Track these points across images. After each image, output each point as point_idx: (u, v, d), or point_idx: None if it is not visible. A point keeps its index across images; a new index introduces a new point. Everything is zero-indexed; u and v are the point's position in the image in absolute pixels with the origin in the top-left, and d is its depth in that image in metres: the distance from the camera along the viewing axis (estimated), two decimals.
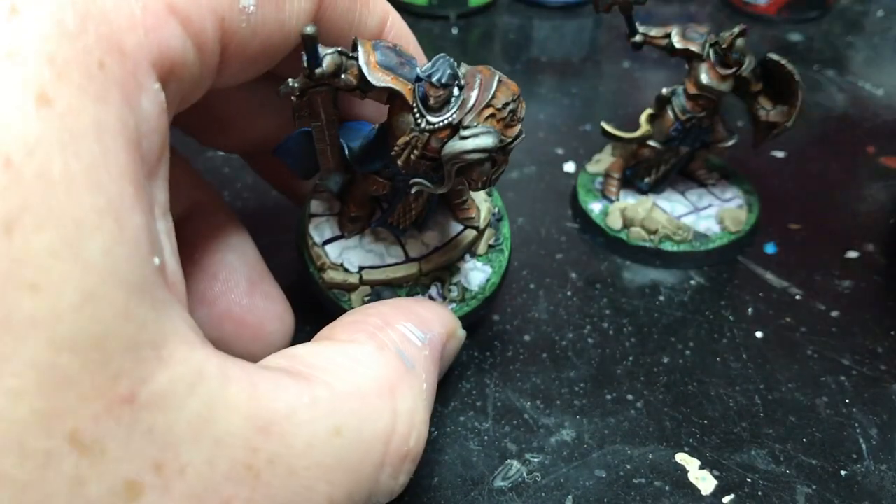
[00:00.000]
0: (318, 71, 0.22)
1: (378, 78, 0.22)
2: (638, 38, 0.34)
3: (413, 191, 0.24)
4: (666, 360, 0.32)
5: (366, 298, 0.29)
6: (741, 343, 0.33)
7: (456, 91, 0.23)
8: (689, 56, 0.34)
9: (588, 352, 0.32)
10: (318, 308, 0.31)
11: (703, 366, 0.32)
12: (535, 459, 0.28)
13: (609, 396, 0.30)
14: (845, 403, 0.30)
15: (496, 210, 0.31)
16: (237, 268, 0.28)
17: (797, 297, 0.35)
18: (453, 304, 0.29)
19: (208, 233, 0.28)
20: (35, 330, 0.14)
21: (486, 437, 0.29)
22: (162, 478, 0.16)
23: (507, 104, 0.22)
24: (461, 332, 0.27)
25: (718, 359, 0.32)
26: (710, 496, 0.27)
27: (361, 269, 0.29)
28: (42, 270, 0.14)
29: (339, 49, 0.22)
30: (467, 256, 0.30)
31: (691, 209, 0.38)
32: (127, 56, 0.16)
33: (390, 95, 0.23)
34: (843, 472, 0.28)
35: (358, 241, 0.30)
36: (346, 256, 0.29)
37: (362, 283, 0.29)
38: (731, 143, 0.37)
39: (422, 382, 0.22)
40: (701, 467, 0.28)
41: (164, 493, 0.16)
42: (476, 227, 0.30)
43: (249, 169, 0.41)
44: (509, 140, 0.23)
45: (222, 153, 0.41)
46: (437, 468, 0.28)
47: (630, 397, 0.30)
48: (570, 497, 0.27)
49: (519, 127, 0.23)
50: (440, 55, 0.23)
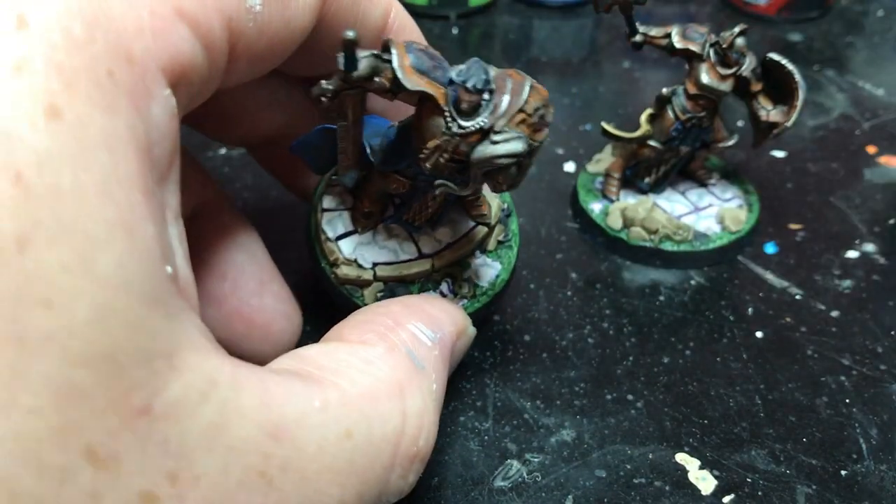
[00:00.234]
0: (354, 74, 0.22)
1: (412, 82, 0.22)
2: (638, 38, 0.34)
3: (437, 192, 0.24)
4: (666, 360, 0.32)
5: (379, 294, 0.29)
6: (741, 343, 0.33)
7: (487, 95, 0.23)
8: (689, 56, 0.34)
9: (588, 352, 0.32)
10: (321, 306, 0.31)
11: (703, 366, 0.32)
12: (535, 459, 0.28)
13: (609, 396, 0.30)
14: (845, 403, 0.30)
15: (505, 206, 0.31)
16: (246, 267, 0.28)
17: (797, 297, 0.35)
18: (464, 301, 0.29)
19: (217, 232, 0.28)
20: (49, 346, 0.14)
21: (486, 437, 0.29)
22: (177, 488, 0.16)
23: (537, 109, 0.22)
24: (471, 330, 0.27)
25: (718, 359, 0.32)
26: (710, 496, 0.27)
27: (375, 265, 0.29)
28: (55, 286, 0.14)
29: (374, 52, 0.22)
30: (477, 252, 0.30)
31: (691, 209, 0.38)
32: (135, 63, 0.16)
33: (421, 98, 0.23)
34: (843, 472, 0.28)
35: (371, 236, 0.30)
36: (360, 252, 0.29)
37: (376, 279, 0.29)
38: (731, 143, 0.37)
39: (431, 382, 0.23)
40: (701, 467, 0.28)
41: (179, 503, 0.16)
42: (487, 224, 0.29)
43: (250, 168, 0.41)
44: (537, 144, 0.23)
45: (223, 153, 0.41)
46: (438, 468, 0.28)
47: (630, 397, 0.30)
48: (570, 497, 0.27)
49: (546, 131, 0.23)
50: (474, 59, 0.23)
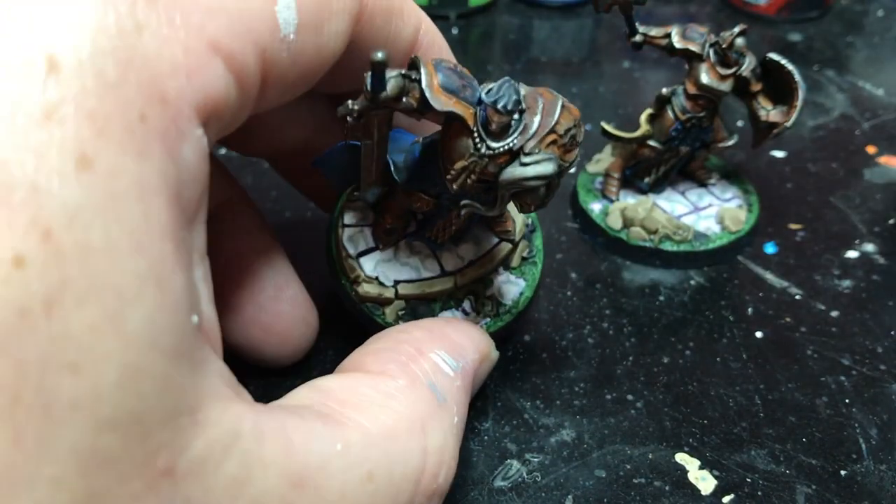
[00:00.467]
0: (381, 95, 0.21)
1: (441, 102, 0.21)
2: (638, 38, 0.34)
3: (463, 212, 0.24)
4: (666, 360, 0.32)
5: (400, 313, 0.28)
6: (741, 343, 0.33)
7: (516, 115, 0.22)
8: (689, 56, 0.34)
9: (588, 352, 0.32)
10: (334, 321, 0.30)
11: (703, 366, 0.32)
12: (535, 459, 0.28)
13: (609, 396, 0.30)
14: (845, 403, 0.30)
15: (529, 222, 0.31)
16: (263, 273, 0.27)
17: (797, 297, 0.35)
18: (487, 319, 0.29)
19: (234, 236, 0.27)
20: (76, 413, 0.13)
21: (486, 437, 0.29)
22: None
23: (569, 130, 0.22)
24: (494, 354, 0.26)
25: (718, 359, 0.32)
26: (710, 496, 0.27)
27: (397, 283, 0.28)
28: (83, 349, 0.13)
29: (402, 72, 0.21)
30: (500, 269, 0.30)
31: (691, 209, 0.38)
32: (169, 104, 0.16)
33: (448, 117, 0.22)
34: (842, 472, 0.28)
35: (393, 253, 0.29)
36: (382, 270, 0.28)
37: (398, 297, 0.28)
38: (731, 143, 0.37)
39: (453, 416, 0.22)
40: (701, 467, 0.28)
41: None
42: (512, 240, 0.29)
43: (250, 169, 0.41)
44: (567, 164, 0.22)
45: (223, 153, 0.41)
46: None
47: (630, 397, 0.30)
48: (570, 497, 0.27)
49: (577, 151, 0.23)
50: (505, 79, 0.22)
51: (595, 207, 0.38)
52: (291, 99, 0.22)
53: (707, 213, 0.38)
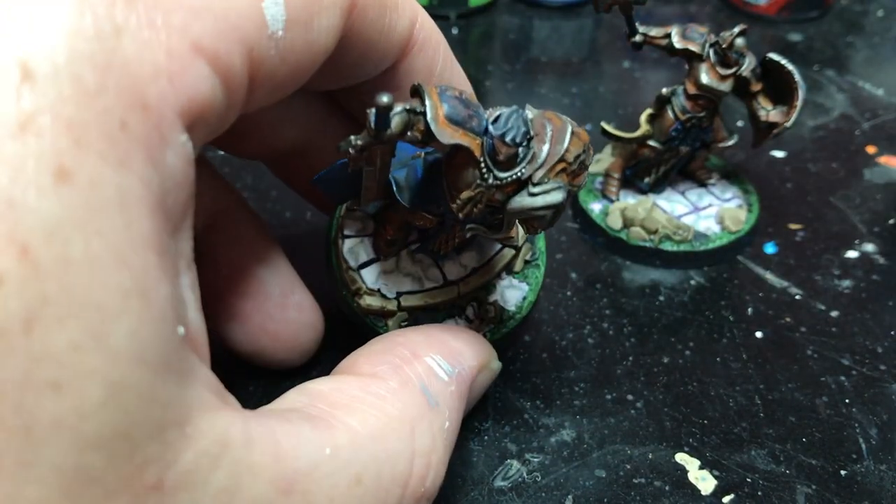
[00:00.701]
0: (387, 133, 0.20)
1: (447, 135, 0.20)
2: (638, 38, 0.34)
3: (468, 235, 0.23)
4: (666, 360, 0.32)
5: (402, 324, 0.28)
6: (741, 343, 0.33)
7: (525, 143, 0.21)
8: (689, 56, 0.34)
9: (588, 352, 0.32)
10: (336, 322, 0.30)
11: (703, 366, 0.32)
12: (535, 459, 0.28)
13: (609, 396, 0.30)
14: (845, 403, 0.30)
15: None
16: (267, 281, 0.27)
17: (797, 297, 0.35)
18: (490, 326, 0.29)
19: (235, 244, 0.27)
20: (59, 432, 0.13)
21: (486, 437, 0.29)
22: None
23: (578, 156, 0.21)
24: (495, 364, 0.26)
25: (718, 359, 0.32)
26: (710, 496, 0.27)
27: (399, 294, 0.28)
28: (65, 367, 0.13)
29: (407, 107, 0.20)
30: (503, 273, 0.30)
31: (691, 209, 0.38)
32: (150, 110, 0.15)
33: (454, 146, 0.21)
34: (843, 472, 0.28)
35: (394, 264, 0.29)
36: (384, 282, 0.28)
37: (400, 309, 0.28)
38: (731, 143, 0.37)
39: (444, 420, 0.22)
40: (701, 467, 0.28)
41: None
42: (515, 246, 0.28)
43: (250, 169, 0.41)
44: (576, 188, 0.22)
45: (222, 153, 0.41)
46: None
47: (630, 397, 0.30)
48: (570, 497, 0.27)
49: (586, 174, 0.22)
50: (513, 109, 0.21)
51: (595, 207, 0.38)
52: (282, 97, 0.21)
53: (707, 213, 0.38)
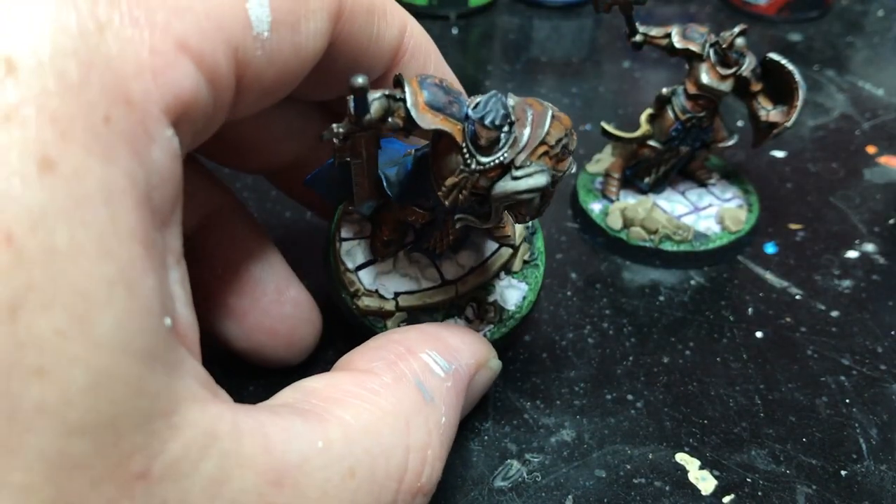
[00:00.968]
0: (366, 118, 0.21)
1: (427, 120, 0.21)
2: (638, 38, 0.34)
3: (457, 226, 0.24)
4: (666, 360, 0.32)
5: (401, 325, 0.28)
6: (741, 343, 0.33)
7: (505, 128, 0.21)
8: (689, 56, 0.34)
9: (588, 352, 0.32)
10: (334, 321, 0.30)
11: (703, 366, 0.32)
12: (535, 459, 0.28)
13: (609, 396, 0.30)
14: (845, 403, 0.30)
15: (529, 224, 0.30)
16: (263, 278, 0.27)
17: (797, 297, 0.35)
18: (490, 326, 0.29)
19: (230, 242, 0.27)
20: (43, 418, 0.13)
21: (486, 437, 0.29)
22: None
23: (560, 140, 0.21)
24: (495, 363, 0.26)
25: (718, 359, 0.32)
26: (710, 496, 0.27)
27: (397, 294, 0.28)
28: (49, 353, 0.13)
29: (386, 93, 0.21)
30: (502, 273, 0.30)
31: (691, 209, 0.38)
32: (135, 106, 0.15)
33: (437, 133, 0.22)
34: (843, 472, 0.28)
35: (392, 264, 0.29)
36: (382, 282, 0.28)
37: (398, 309, 0.28)
38: (731, 143, 0.37)
39: (440, 416, 0.22)
40: (701, 467, 0.28)
41: None
42: (512, 245, 0.29)
43: None
44: (560, 174, 0.22)
45: None
46: None
47: (630, 397, 0.30)
48: (570, 497, 0.27)
49: (570, 160, 0.22)
50: (493, 93, 0.21)
51: (595, 207, 0.38)
52: (273, 102, 0.21)
53: (707, 213, 0.38)
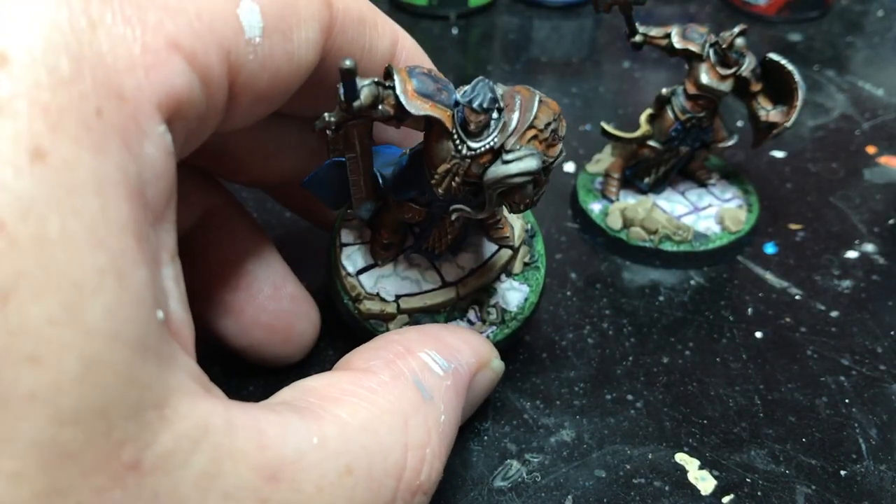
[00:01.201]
0: (355, 104, 0.21)
1: (416, 106, 0.21)
2: (638, 38, 0.34)
3: (453, 217, 0.24)
4: (666, 360, 0.32)
5: (404, 327, 0.28)
6: (741, 343, 0.33)
7: (495, 114, 0.22)
8: (689, 56, 0.34)
9: (588, 352, 0.32)
10: (334, 321, 0.30)
11: (703, 366, 0.32)
12: (535, 459, 0.28)
13: (609, 396, 0.30)
14: (845, 403, 0.30)
15: (529, 227, 0.31)
16: (259, 274, 0.27)
17: (797, 297, 0.35)
18: (493, 328, 0.29)
19: (226, 240, 0.27)
20: (35, 405, 0.13)
21: (485, 437, 0.29)
22: None
23: (548, 124, 0.22)
24: (497, 364, 0.26)
25: (718, 359, 0.32)
26: (710, 496, 0.27)
27: (398, 297, 0.28)
28: (41, 341, 0.13)
29: (376, 80, 0.21)
30: (503, 276, 0.30)
31: (691, 209, 0.38)
32: (126, 100, 0.16)
33: (428, 122, 0.22)
34: (842, 472, 0.28)
35: (392, 268, 0.29)
36: (382, 285, 0.28)
37: (400, 311, 0.28)
38: (731, 143, 0.37)
39: (439, 414, 0.22)
40: (701, 467, 0.28)
41: None
42: (511, 246, 0.29)
43: None
44: (552, 160, 0.22)
45: None
46: None
47: (630, 397, 0.30)
48: (569, 497, 0.27)
49: (560, 146, 0.23)
50: (479, 78, 0.22)
51: (595, 207, 0.38)
52: (268, 112, 0.22)
53: (707, 213, 0.38)
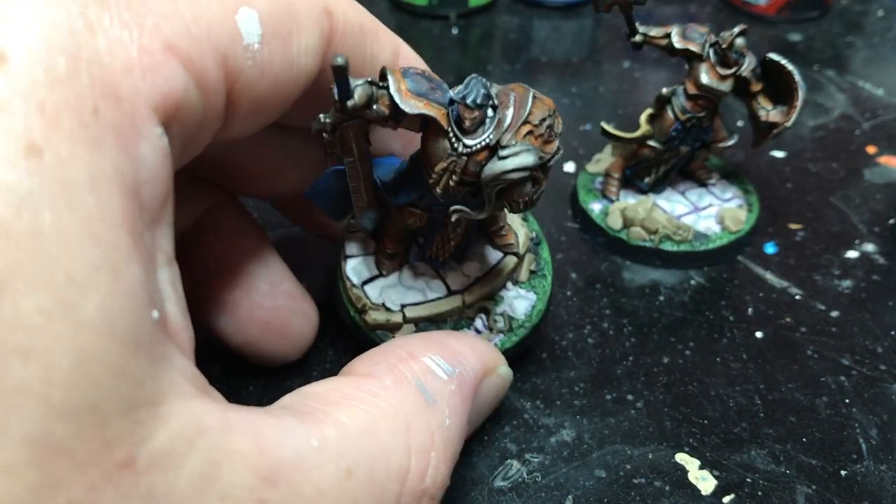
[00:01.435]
0: (349, 103, 0.21)
1: (411, 105, 0.21)
2: (638, 38, 0.34)
3: (453, 218, 0.24)
4: (666, 360, 0.32)
5: None
6: (741, 343, 0.33)
7: (490, 111, 0.22)
8: (689, 56, 0.34)
9: (588, 352, 0.32)
10: (334, 321, 0.30)
11: (703, 366, 0.32)
12: (535, 459, 0.28)
13: (609, 396, 0.30)
14: (845, 403, 0.30)
15: (533, 234, 0.31)
16: (256, 272, 0.28)
17: (797, 297, 0.35)
18: (500, 335, 0.29)
19: (225, 238, 0.27)
20: (27, 399, 0.13)
21: (485, 437, 0.29)
22: None
23: (543, 120, 0.22)
24: (504, 370, 0.26)
25: (718, 359, 0.32)
26: (710, 496, 0.27)
27: (404, 306, 0.28)
28: (34, 334, 0.13)
29: (369, 79, 0.21)
30: (509, 284, 0.30)
31: (691, 209, 0.38)
32: (123, 100, 0.16)
33: (424, 122, 0.22)
34: (843, 472, 0.28)
35: (397, 278, 0.29)
36: (387, 295, 0.28)
37: (406, 321, 0.28)
38: (731, 143, 0.37)
39: (443, 418, 0.22)
40: (701, 467, 0.28)
41: None
42: (516, 253, 0.29)
43: None
44: (548, 156, 0.22)
45: None
46: None
47: (630, 397, 0.30)
48: (570, 497, 0.27)
49: (557, 142, 0.23)
50: (472, 76, 0.22)
51: (595, 207, 0.38)
52: (269, 121, 0.21)
53: (707, 213, 0.38)
